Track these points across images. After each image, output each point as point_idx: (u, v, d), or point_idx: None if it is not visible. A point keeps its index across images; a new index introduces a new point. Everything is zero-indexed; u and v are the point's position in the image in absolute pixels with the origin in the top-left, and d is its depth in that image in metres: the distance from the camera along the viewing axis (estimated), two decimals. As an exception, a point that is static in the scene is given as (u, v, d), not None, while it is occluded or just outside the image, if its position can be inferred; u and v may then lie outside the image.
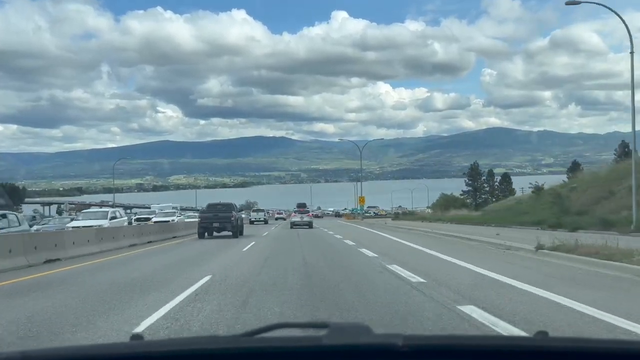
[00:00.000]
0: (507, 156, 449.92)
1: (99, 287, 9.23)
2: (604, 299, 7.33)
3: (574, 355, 1.39)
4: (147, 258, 15.50)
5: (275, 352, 1.41)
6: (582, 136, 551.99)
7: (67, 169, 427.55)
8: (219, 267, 12.06)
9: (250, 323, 5.97)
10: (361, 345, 1.37)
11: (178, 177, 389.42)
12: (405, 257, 13.93)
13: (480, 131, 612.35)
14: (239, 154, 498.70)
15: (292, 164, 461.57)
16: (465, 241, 20.51)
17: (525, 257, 13.78)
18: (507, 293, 7.93)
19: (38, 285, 9.69)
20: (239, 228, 27.29)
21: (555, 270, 10.84)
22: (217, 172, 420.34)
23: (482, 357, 1.40)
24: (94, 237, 18.15)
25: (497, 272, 10.23)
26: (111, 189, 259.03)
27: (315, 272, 11.01)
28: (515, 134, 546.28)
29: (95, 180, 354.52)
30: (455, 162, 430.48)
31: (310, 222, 39.36)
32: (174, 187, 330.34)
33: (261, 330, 1.52)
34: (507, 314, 6.35)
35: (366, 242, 19.96)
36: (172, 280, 9.86)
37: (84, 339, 5.55)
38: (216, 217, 26.25)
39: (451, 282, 9.08)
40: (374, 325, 1.45)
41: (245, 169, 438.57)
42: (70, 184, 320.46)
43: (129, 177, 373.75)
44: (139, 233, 23.50)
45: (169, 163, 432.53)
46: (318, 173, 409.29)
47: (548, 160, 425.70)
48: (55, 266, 13.13)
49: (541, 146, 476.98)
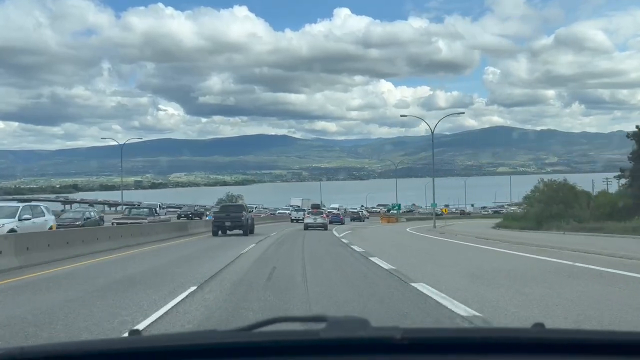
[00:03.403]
0: (510, 155, 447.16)
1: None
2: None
3: (571, 347, 1.40)
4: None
5: (273, 346, 1.41)
6: (586, 135, 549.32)
7: (68, 167, 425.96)
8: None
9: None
10: (359, 338, 1.36)
11: (178, 175, 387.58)
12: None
13: (483, 130, 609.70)
14: (240, 152, 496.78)
15: (293, 162, 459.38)
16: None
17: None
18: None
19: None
20: (250, 227, 29.27)
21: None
22: (218, 170, 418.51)
23: (479, 349, 1.40)
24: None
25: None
26: (108, 187, 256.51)
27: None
28: (518, 133, 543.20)
29: (95, 177, 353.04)
30: (459, 160, 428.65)
31: (324, 224, 37.45)
32: (173, 185, 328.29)
33: (259, 324, 1.51)
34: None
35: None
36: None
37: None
38: (228, 217, 28.73)
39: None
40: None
41: (247, 167, 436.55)
42: (70, 182, 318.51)
43: (129, 174, 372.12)
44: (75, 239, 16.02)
45: (170, 161, 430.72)
46: (320, 171, 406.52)
47: (552, 159, 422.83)
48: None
49: (544, 145, 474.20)
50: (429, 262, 13.72)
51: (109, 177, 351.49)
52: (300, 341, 1.42)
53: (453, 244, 22.15)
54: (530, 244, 19.76)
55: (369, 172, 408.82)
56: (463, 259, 14.51)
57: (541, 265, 12.18)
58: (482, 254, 16.41)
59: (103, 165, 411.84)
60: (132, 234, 21.40)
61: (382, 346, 1.36)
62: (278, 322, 1.54)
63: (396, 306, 7.07)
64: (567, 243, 19.63)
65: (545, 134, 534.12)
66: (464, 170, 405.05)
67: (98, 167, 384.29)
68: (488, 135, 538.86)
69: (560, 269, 11.33)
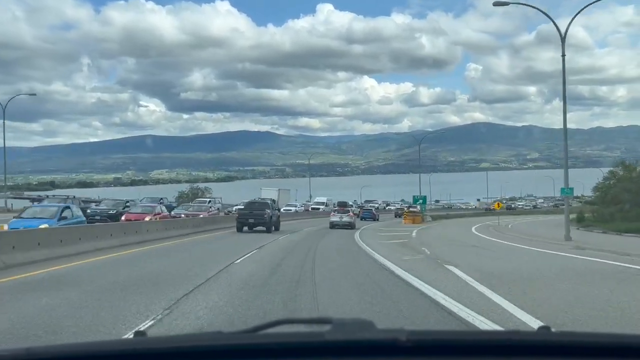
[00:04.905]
0: (493, 151, 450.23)
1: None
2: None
3: (577, 350, 1.40)
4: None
5: (278, 348, 1.42)
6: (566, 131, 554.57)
7: (47, 164, 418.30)
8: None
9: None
10: (364, 340, 1.36)
11: (160, 172, 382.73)
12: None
13: (465, 126, 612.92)
14: (222, 149, 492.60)
15: (277, 159, 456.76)
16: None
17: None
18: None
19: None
20: (273, 224, 29.48)
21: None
22: (201, 167, 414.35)
23: (484, 352, 1.40)
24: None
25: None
26: (86, 184, 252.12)
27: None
28: (500, 129, 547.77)
29: (74, 175, 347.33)
30: (442, 157, 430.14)
31: (351, 223, 35.87)
32: (154, 182, 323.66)
33: (264, 326, 1.52)
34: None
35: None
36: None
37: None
38: (251, 214, 29.05)
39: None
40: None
41: (229, 163, 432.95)
42: (48, 179, 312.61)
43: (111, 171, 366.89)
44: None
45: (151, 158, 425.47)
46: (303, 168, 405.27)
47: (533, 155, 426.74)
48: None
49: (526, 141, 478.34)
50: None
51: (89, 174, 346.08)
52: (306, 343, 1.42)
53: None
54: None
55: (353, 169, 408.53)
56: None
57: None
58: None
59: (83, 162, 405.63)
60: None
61: (388, 348, 1.36)
62: (283, 324, 1.55)
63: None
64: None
65: (527, 130, 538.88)
66: (447, 166, 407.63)
67: (77, 164, 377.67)
68: (470, 131, 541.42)
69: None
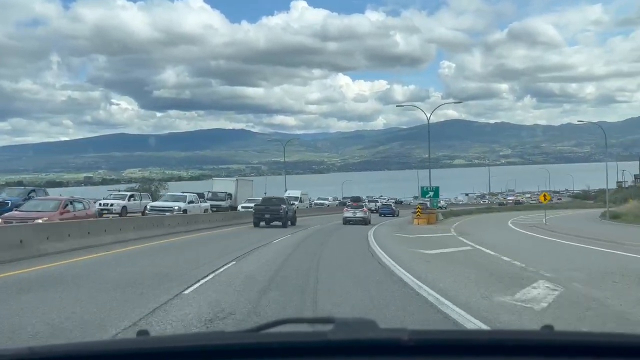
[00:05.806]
0: (466, 148, 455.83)
1: None
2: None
3: (580, 349, 1.40)
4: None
5: (281, 348, 1.42)
6: (538, 128, 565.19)
7: (16, 164, 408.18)
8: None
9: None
10: (366, 340, 1.37)
11: (132, 171, 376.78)
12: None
13: (439, 123, 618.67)
14: (196, 147, 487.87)
15: (252, 157, 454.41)
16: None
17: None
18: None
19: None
20: (289, 219, 30.66)
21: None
22: (174, 165, 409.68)
23: (487, 351, 1.40)
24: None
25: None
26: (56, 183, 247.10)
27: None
28: (473, 126, 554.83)
29: (44, 174, 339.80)
30: (416, 153, 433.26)
31: (365, 218, 35.09)
32: (126, 180, 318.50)
33: (267, 326, 1.52)
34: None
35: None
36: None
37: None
38: (267, 209, 29.92)
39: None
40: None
41: (203, 162, 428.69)
42: (16, 179, 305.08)
43: (82, 170, 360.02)
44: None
45: (124, 156, 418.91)
46: (279, 165, 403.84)
47: (506, 151, 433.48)
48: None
49: (498, 138, 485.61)
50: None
51: (59, 173, 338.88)
52: (308, 342, 1.43)
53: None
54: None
55: (329, 166, 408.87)
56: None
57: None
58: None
59: (53, 161, 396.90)
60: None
61: (390, 348, 1.37)
62: (286, 323, 1.55)
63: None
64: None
65: (499, 127, 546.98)
66: (421, 163, 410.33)
67: (48, 163, 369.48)
68: (444, 128, 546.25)
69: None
